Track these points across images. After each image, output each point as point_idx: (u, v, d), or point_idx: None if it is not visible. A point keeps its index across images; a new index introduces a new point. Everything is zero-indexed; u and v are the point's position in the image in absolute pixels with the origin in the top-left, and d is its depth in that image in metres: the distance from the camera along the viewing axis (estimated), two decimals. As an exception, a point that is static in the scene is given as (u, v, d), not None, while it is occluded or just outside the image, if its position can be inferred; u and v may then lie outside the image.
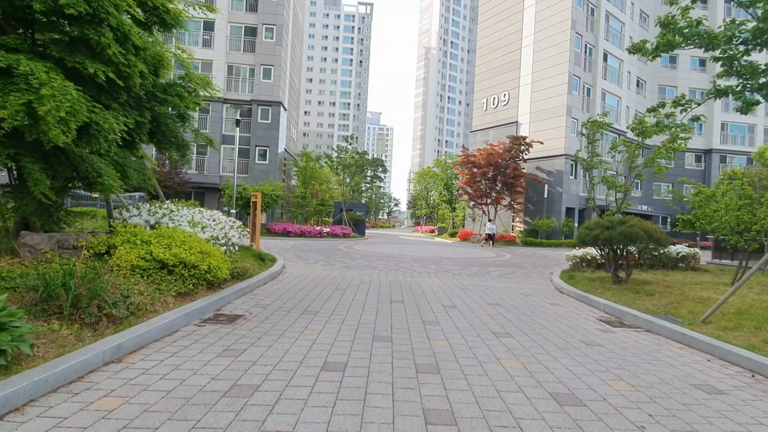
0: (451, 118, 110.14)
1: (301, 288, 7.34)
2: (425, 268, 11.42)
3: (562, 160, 26.45)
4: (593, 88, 28.59)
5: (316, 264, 11.16)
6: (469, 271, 11.28)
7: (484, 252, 18.85)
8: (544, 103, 27.73)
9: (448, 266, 12.14)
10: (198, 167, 28.12)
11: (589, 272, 10.51)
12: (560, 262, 15.47)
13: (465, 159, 27.91)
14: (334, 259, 12.75)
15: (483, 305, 6.56)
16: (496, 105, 31.50)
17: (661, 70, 35.06)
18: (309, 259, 12.20)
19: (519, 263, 14.33)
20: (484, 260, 14.79)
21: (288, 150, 33.06)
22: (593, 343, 4.76)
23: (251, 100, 28.12)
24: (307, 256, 13.25)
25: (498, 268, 12.29)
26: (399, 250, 17.84)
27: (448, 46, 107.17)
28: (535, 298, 7.64)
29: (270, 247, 15.32)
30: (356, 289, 7.46)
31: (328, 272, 9.61)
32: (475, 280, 9.57)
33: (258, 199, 11.93)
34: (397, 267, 11.29)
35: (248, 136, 28.34)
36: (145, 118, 6.25)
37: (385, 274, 9.70)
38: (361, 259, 12.90)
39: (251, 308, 5.68)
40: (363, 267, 10.96)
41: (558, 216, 26.18)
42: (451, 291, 7.75)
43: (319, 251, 15.16)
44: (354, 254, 14.61)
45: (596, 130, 13.34)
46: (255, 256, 9.77)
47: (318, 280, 8.29)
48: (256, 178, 27.19)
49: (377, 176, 64.25)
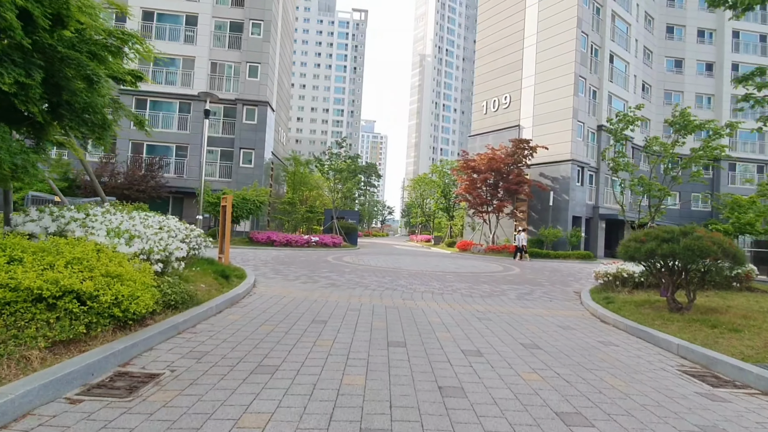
0: (446, 125, 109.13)
1: (265, 320, 5.41)
2: (427, 285, 9.52)
3: (568, 166, 24.86)
4: (599, 91, 27.19)
5: (295, 281, 9.21)
6: (481, 290, 9.39)
7: (489, 265, 17.01)
8: (548, 105, 26.23)
9: (453, 283, 10.26)
10: (177, 171, 26.09)
11: (625, 293, 8.70)
12: (577, 277, 13.68)
13: (464, 164, 26.23)
14: (320, 273, 10.81)
15: (517, 349, 4.68)
16: (497, 108, 29.98)
17: (666, 75, 33.91)
18: (289, 275, 10.25)
19: (533, 279, 12.49)
20: (492, 275, 12.93)
21: (276, 154, 31.17)
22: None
23: (236, 100, 26.27)
24: (288, 270, 11.29)
25: (512, 286, 10.42)
26: (394, 262, 15.94)
27: (443, 54, 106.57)
28: (577, 332, 5.78)
29: (247, 259, 13.36)
30: (341, 321, 5.54)
31: (308, 293, 7.67)
32: (492, 303, 7.68)
33: (228, 204, 10.00)
34: (393, 285, 9.38)
35: (232, 138, 26.42)
36: (33, 79, 4.33)
37: (379, 296, 7.78)
38: (351, 274, 10.98)
39: (178, 360, 3.75)
40: (352, 285, 9.03)
41: (564, 225, 24.50)
42: (466, 323, 5.85)
43: (304, 263, 13.21)
44: (343, 267, 12.68)
45: (625, 126, 11.60)
46: (218, 272, 7.81)
47: (292, 307, 6.35)
48: (240, 183, 25.24)
49: (371, 183, 62.59)
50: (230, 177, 26.32)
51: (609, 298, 8.09)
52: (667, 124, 10.56)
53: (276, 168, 31.36)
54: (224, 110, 26.68)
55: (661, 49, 34.21)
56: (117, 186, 21.99)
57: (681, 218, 33.38)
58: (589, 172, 26.56)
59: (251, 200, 20.05)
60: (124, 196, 22.11)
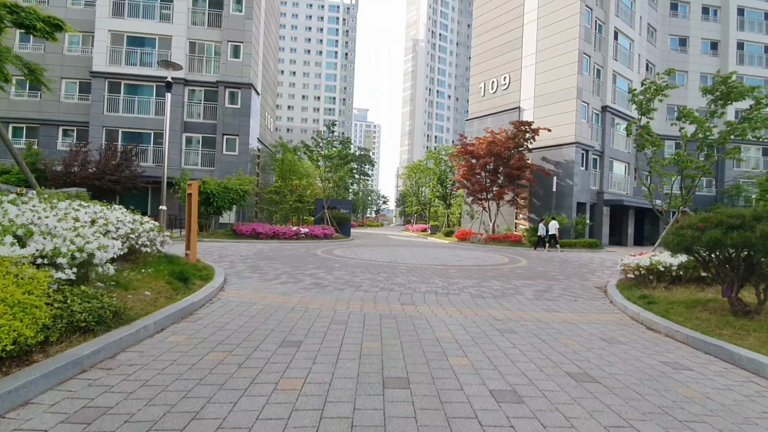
0: (440, 112, 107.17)
1: (218, 342, 4.00)
2: (429, 284, 8.16)
3: (572, 149, 23.50)
4: (603, 70, 25.74)
5: (274, 281, 7.80)
6: (491, 288, 8.05)
7: (493, 257, 15.71)
8: (550, 85, 24.75)
9: (458, 280, 8.91)
10: (156, 159, 24.36)
11: (662, 290, 7.41)
12: (591, 268, 12.42)
13: (462, 149, 24.77)
14: (305, 270, 9.41)
15: (566, 383, 3.32)
16: (495, 89, 28.43)
17: (670, 54, 32.48)
18: (268, 273, 8.83)
19: (544, 272, 11.19)
20: (499, 269, 11.61)
21: (263, 141, 29.47)
22: None
23: (217, 82, 24.47)
24: (269, 267, 9.87)
25: (526, 282, 9.10)
26: (390, 255, 14.57)
27: (436, 39, 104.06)
28: (628, 348, 4.46)
29: (225, 255, 11.92)
30: (320, 342, 4.14)
31: (285, 298, 6.27)
32: (509, 306, 6.34)
33: (194, 191, 8.50)
34: (389, 284, 8.01)
35: (214, 123, 24.68)
36: None
37: (372, 299, 6.40)
38: (340, 271, 9.59)
39: (55, 428, 2.36)
40: (341, 285, 7.64)
41: (568, 212, 23.25)
42: (485, 339, 4.48)
43: (289, 258, 11.79)
44: (333, 262, 11.28)
45: (654, 95, 10.16)
46: (174, 274, 6.38)
47: (260, 319, 4.95)
48: (224, 172, 23.64)
49: (364, 172, 61.05)
50: (213, 165, 24.66)
51: (647, 296, 6.78)
52: (702, 94, 9.19)
53: (263, 156, 29.69)
54: (205, 93, 24.89)
55: (665, 27, 32.73)
56: (88, 176, 20.30)
57: (685, 203, 32.32)
58: (594, 156, 25.25)
59: (234, 189, 18.50)
60: (95, 187, 20.48)
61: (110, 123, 24.15)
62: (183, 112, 24.53)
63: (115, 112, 24.28)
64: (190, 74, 24.60)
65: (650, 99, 10.07)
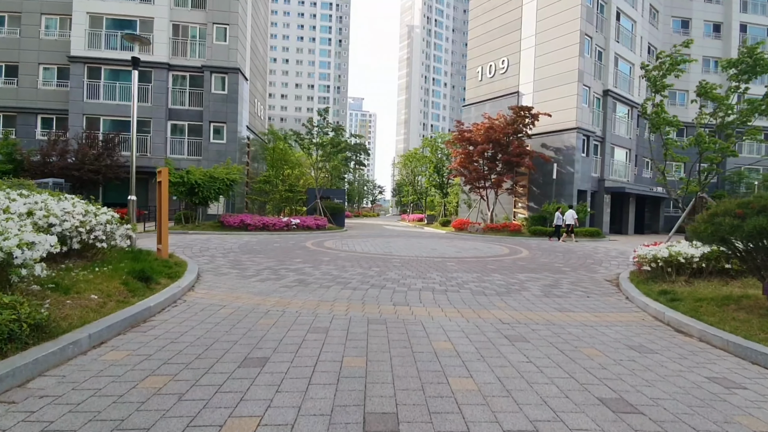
0: (436, 101, 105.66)
1: (165, 361, 3.23)
2: (425, 280, 7.41)
3: (573, 135, 22.69)
4: (605, 52, 24.81)
5: (254, 278, 7.02)
6: (494, 283, 7.31)
7: (492, 247, 14.99)
8: (550, 68, 23.82)
9: (457, 273, 8.17)
10: (140, 148, 23.31)
11: (682, 283, 6.70)
12: (596, 258, 11.72)
13: (459, 135, 23.90)
14: (290, 265, 8.63)
15: (600, 415, 2.58)
16: (493, 74, 27.44)
17: (673, 36, 31.45)
18: (249, 268, 8.04)
19: (548, 263, 10.47)
20: (500, 260, 10.89)
21: (254, 129, 28.43)
22: None
23: (203, 67, 23.34)
24: (251, 261, 9.08)
25: (530, 275, 8.38)
26: (384, 246, 13.82)
27: (432, 25, 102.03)
28: (662, 358, 3.73)
29: (207, 248, 11.12)
30: (290, 359, 3.36)
31: (261, 299, 5.50)
32: (516, 305, 5.60)
33: (164, 179, 7.66)
34: (381, 279, 7.25)
35: (200, 110, 23.62)
36: None
37: (360, 299, 5.64)
38: (329, 265, 8.82)
39: None
40: (328, 281, 6.88)
41: (568, 200, 22.53)
42: (493, 351, 3.73)
43: (276, 252, 11.01)
44: (322, 256, 10.51)
45: (670, 69, 9.27)
46: (135, 273, 5.58)
47: (225, 327, 4.17)
48: (211, 161, 22.67)
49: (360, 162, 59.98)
50: (200, 155, 23.66)
51: (668, 292, 6.07)
52: (723, 68, 8.37)
53: (254, 145, 28.68)
54: (190, 79, 23.76)
55: (667, 8, 31.72)
56: (66, 166, 19.30)
57: (686, 190, 31.70)
58: (595, 142, 24.45)
59: (221, 179, 17.59)
60: (74, 177, 19.51)
61: (90, 110, 23.04)
62: (168, 98, 23.43)
63: (96, 99, 23.15)
64: (174, 59, 23.45)
65: (665, 74, 9.25)
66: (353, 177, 74.89)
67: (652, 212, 29.78)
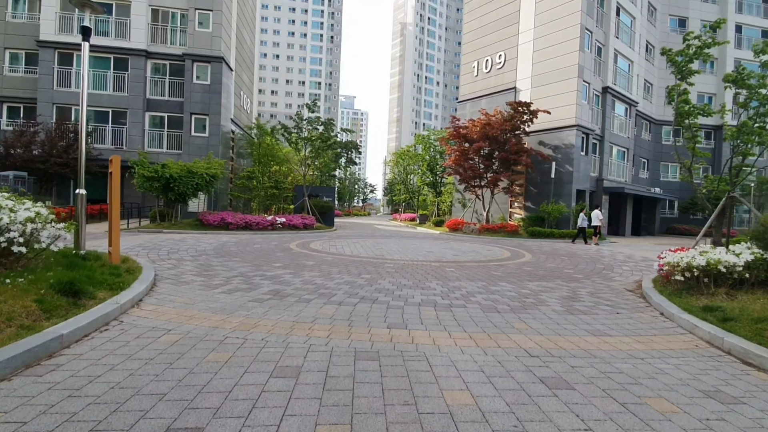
0: (429, 99, 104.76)
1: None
2: (424, 290, 6.34)
3: (572, 133, 21.83)
4: (605, 48, 24.02)
5: (220, 288, 5.87)
6: (504, 294, 6.27)
7: (491, 249, 13.99)
8: (549, 63, 22.94)
9: (460, 282, 7.12)
10: (115, 141, 21.86)
11: (723, 296, 5.73)
12: (606, 263, 10.77)
13: (455, 132, 22.88)
14: (267, 271, 7.49)
15: None
16: (489, 69, 26.49)
17: (670, 35, 30.93)
18: (218, 276, 6.88)
19: (557, 268, 9.49)
20: (504, 265, 9.86)
21: (239, 122, 27.07)
22: None
23: (184, 55, 21.94)
24: (223, 266, 7.90)
25: (542, 284, 7.36)
26: (376, 248, 12.71)
27: (425, 22, 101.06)
28: (753, 410, 2.71)
29: (177, 250, 9.90)
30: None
31: (221, 319, 4.36)
32: (538, 327, 4.55)
33: (114, 169, 6.46)
34: (372, 291, 6.16)
35: (181, 101, 22.22)
36: None
37: (345, 319, 4.54)
38: (312, 271, 7.70)
39: None
40: (308, 294, 5.76)
41: (567, 200, 21.68)
42: (527, 404, 2.66)
43: (254, 255, 9.84)
44: (306, 259, 9.38)
45: (697, 55, 8.31)
46: (60, 284, 4.40)
47: (157, 369, 3.03)
48: (192, 155, 21.31)
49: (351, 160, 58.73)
50: (180, 148, 22.26)
51: (715, 309, 5.09)
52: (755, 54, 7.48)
53: (240, 139, 27.32)
54: (170, 67, 22.33)
55: (665, 6, 31.17)
56: (31, 159, 17.82)
57: (682, 191, 31.22)
58: (594, 140, 23.65)
59: (200, 174, 16.29)
60: (39, 171, 18.04)
61: (61, 99, 21.49)
62: (146, 88, 21.98)
63: (67, 87, 21.61)
64: (153, 46, 22.01)
65: (691, 59, 8.35)
66: (344, 175, 73.71)
67: (648, 213, 29.18)
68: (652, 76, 30.12)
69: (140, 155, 16.35)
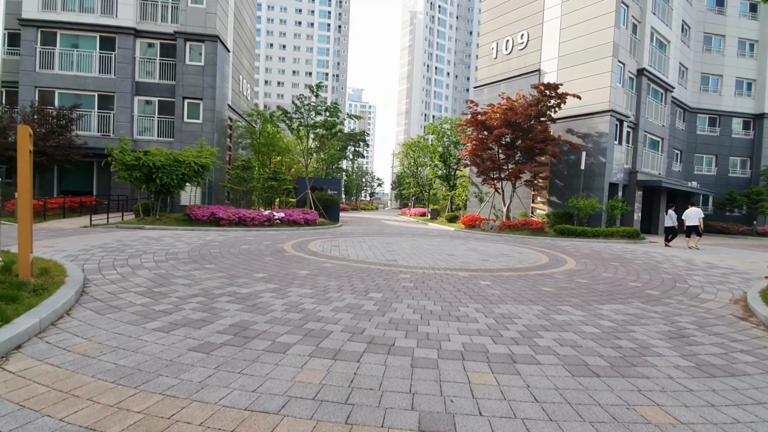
0: (438, 90, 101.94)
1: None
2: (461, 323, 4.35)
3: (606, 119, 19.56)
4: (640, 26, 21.60)
5: (160, 319, 3.94)
6: (578, 328, 4.24)
7: (522, 252, 11.94)
8: (578, 42, 20.62)
9: (508, 307, 5.11)
10: (102, 127, 20.10)
11: None
12: (671, 271, 8.62)
13: (472, 119, 20.72)
14: (244, 286, 5.56)
15: None
16: (510, 50, 24.19)
17: (707, 15, 28.26)
18: (174, 294, 4.97)
19: (620, 281, 7.42)
20: (550, 276, 7.82)
21: (237, 108, 25.18)
22: None
23: (175, 33, 20.02)
24: (187, 279, 5.99)
25: (619, 309, 5.31)
26: (386, 249, 10.74)
27: (435, 11, 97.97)
28: None
29: (144, 252, 8.04)
30: None
31: (120, 398, 2.40)
32: (685, 417, 2.51)
33: (21, 139, 4.52)
34: (384, 324, 4.17)
35: (172, 84, 20.35)
36: None
37: (342, 400, 2.56)
38: (303, 287, 5.75)
39: None
40: (288, 332, 3.79)
41: (598, 195, 19.48)
42: None
43: (236, 260, 7.93)
44: (299, 267, 7.44)
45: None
46: None
47: None
48: (185, 143, 19.48)
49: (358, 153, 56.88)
50: (172, 136, 20.44)
51: None
52: None
53: (237, 128, 25.44)
54: (161, 47, 20.44)
55: (702, -18, 28.47)
56: (5, 146, 16.11)
57: (717, 186, 28.72)
58: (627, 128, 21.34)
59: (186, 163, 14.43)
60: (13, 159, 16.30)
61: (44, 82, 19.75)
62: (135, 70, 20.14)
63: (50, 69, 19.85)
64: (142, 23, 20.12)
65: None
66: (351, 168, 71.77)
67: (681, 210, 26.73)
68: (687, 59, 27.52)
69: (121, 140, 14.52)
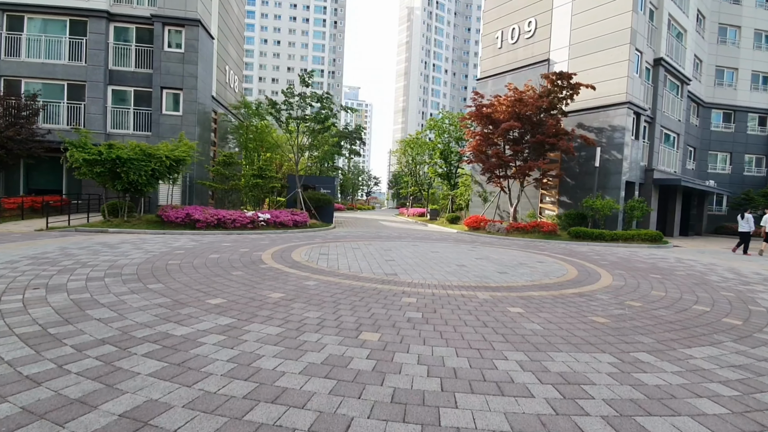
0: (436, 88, 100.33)
1: None
2: (504, 398, 2.71)
3: (623, 112, 18.02)
4: (658, 12, 20.08)
5: (54, 380, 2.26)
6: (678, 390, 2.60)
7: (543, 260, 10.36)
8: (591, 29, 19.07)
9: (563, 358, 3.49)
10: (71, 119, 18.34)
11: None
12: (725, 286, 7.02)
13: (476, 111, 19.13)
14: (187, 320, 3.93)
15: None
16: (516, 39, 22.61)
17: (722, 5, 26.82)
18: (71, 340, 3.31)
19: (677, 302, 5.83)
20: (593, 297, 6.22)
21: (223, 100, 23.46)
22: None
23: (153, 17, 18.31)
24: (110, 310, 4.34)
25: (710, 356, 3.69)
26: (384, 259, 9.10)
27: (433, 6, 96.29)
28: None
29: (85, 263, 6.40)
30: None
31: None
32: None
33: None
34: (380, 393, 2.52)
35: (150, 73, 18.62)
36: None
37: None
38: (270, 323, 4.12)
39: None
40: (225, 419, 2.15)
41: (614, 194, 17.95)
42: None
43: (194, 276, 6.28)
44: (272, 287, 5.80)
45: None
46: None
47: None
48: (164, 137, 17.79)
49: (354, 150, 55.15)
50: (149, 129, 18.72)
51: None
52: None
53: (223, 121, 23.73)
54: (137, 32, 18.71)
55: (717, -29, 27.03)
56: (-42, 139, 14.39)
57: (732, 185, 27.31)
58: (644, 122, 19.82)
59: (157, 157, 12.74)
60: (-37, 153, 14.60)
61: (10, 71, 17.99)
62: (107, 57, 18.39)
63: (16, 56, 18.09)
64: (115, 6, 18.37)
65: None
66: (347, 167, 70.09)
67: (696, 210, 25.32)
68: (702, 51, 26.06)
69: (79, 132, 12.82)
